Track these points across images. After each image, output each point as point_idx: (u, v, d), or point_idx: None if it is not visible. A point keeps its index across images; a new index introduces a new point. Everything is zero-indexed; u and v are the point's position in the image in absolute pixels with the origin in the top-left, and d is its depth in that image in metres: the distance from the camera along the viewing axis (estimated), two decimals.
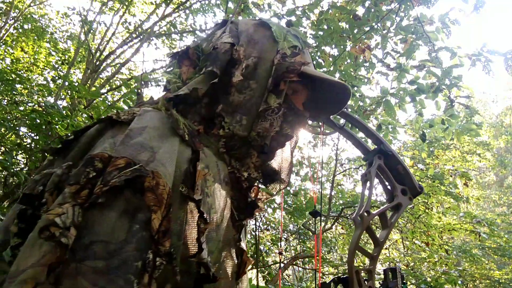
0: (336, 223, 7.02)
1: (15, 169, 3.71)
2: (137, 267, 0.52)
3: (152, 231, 0.55)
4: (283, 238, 7.07)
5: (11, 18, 7.53)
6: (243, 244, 0.82)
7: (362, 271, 0.91)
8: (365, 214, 0.93)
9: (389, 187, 1.02)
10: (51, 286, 0.49)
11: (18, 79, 4.77)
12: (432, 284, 5.11)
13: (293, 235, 7.45)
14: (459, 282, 5.23)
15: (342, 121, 1.11)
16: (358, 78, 3.95)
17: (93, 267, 0.50)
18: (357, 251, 0.93)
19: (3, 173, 4.86)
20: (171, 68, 0.90)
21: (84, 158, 0.61)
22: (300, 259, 6.87)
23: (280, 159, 0.92)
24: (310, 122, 1.11)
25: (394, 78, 3.79)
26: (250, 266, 0.84)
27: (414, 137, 7.83)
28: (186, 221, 0.63)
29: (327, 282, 0.91)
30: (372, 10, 3.55)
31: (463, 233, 6.83)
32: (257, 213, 0.87)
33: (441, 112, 3.91)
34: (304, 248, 7.09)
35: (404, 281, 0.95)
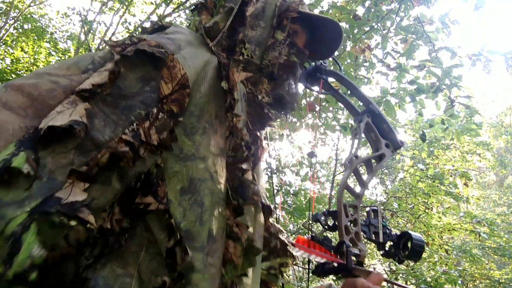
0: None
1: None
2: (140, 114, 0.69)
3: (160, 95, 0.72)
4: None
5: (11, 18, 7.53)
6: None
7: (349, 206, 1.07)
8: (354, 158, 1.11)
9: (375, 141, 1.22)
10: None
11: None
12: (432, 284, 5.11)
13: (293, 235, 7.45)
14: (459, 282, 5.23)
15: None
16: (358, 78, 3.95)
17: (103, 100, 0.67)
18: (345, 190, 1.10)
19: None
20: (191, 18, 1.10)
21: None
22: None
23: (287, 87, 1.09)
24: (308, 85, 1.28)
25: (394, 78, 3.79)
26: None
27: (414, 137, 7.83)
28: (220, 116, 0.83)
29: (319, 213, 1.06)
30: (372, 10, 3.55)
31: (463, 233, 6.82)
32: (268, 126, 1.07)
33: (441, 112, 3.91)
34: None
35: (384, 220, 1.10)
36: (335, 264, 0.95)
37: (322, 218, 1.05)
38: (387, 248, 1.08)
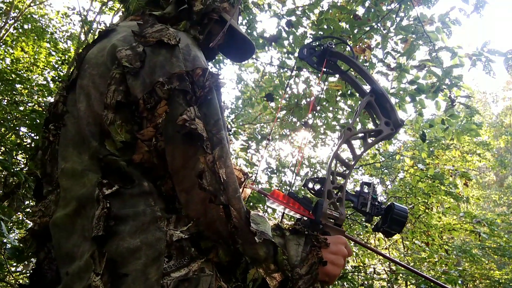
0: None
1: (15, 169, 3.70)
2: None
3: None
4: None
5: (11, 18, 7.54)
6: None
7: (338, 175, 1.13)
8: (347, 130, 1.16)
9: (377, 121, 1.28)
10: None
11: (18, 79, 4.76)
12: (432, 284, 5.11)
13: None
14: (459, 282, 5.23)
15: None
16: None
17: (224, 136, 0.89)
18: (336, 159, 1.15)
19: (3, 173, 4.86)
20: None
21: (171, 76, 0.88)
22: None
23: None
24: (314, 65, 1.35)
25: (394, 78, 3.79)
26: None
27: (414, 137, 7.83)
28: None
29: (307, 178, 1.12)
30: (372, 10, 3.55)
31: (463, 233, 6.82)
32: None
33: (441, 112, 3.91)
34: None
35: (376, 194, 1.14)
36: (305, 219, 1.04)
37: (310, 183, 1.12)
38: (376, 222, 1.14)
